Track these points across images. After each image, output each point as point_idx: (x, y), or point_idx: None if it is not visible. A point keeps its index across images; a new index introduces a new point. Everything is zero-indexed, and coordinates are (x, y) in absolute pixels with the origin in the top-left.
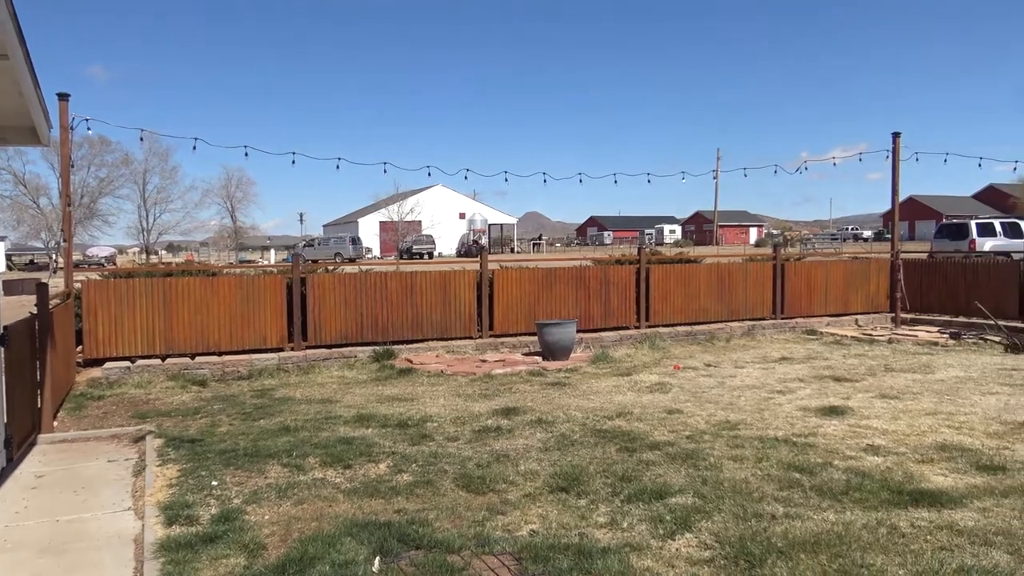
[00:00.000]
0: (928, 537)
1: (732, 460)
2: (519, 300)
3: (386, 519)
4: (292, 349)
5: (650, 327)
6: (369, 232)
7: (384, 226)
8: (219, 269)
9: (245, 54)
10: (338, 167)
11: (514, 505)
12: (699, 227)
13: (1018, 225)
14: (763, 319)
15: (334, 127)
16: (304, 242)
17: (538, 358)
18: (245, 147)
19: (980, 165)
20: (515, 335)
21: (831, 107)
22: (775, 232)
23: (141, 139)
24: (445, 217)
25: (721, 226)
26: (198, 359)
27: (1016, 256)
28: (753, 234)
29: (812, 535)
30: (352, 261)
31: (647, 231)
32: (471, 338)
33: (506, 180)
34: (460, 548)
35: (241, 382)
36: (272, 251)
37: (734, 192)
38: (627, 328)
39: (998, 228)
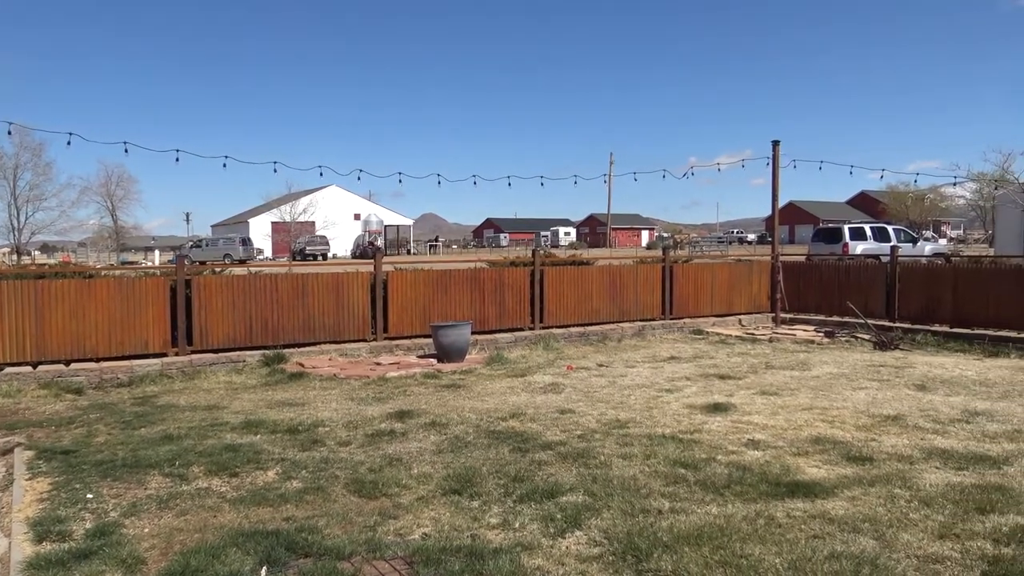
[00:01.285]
0: (802, 526)
1: (621, 458)
2: (414, 302)
3: (274, 527)
4: (176, 354)
5: (544, 328)
6: (260, 233)
7: (276, 227)
8: (97, 271)
9: (123, 44)
10: (225, 165)
11: (407, 509)
12: (593, 229)
13: (886, 230)
14: (653, 320)
15: (222, 124)
16: (191, 243)
17: (433, 360)
18: (125, 143)
19: (851, 173)
20: (410, 337)
21: (719, 114)
22: (666, 235)
23: (10, 132)
24: (340, 218)
25: (614, 229)
26: (74, 366)
27: (883, 259)
28: (645, 237)
29: (696, 528)
30: (242, 263)
31: (543, 233)
32: (365, 341)
33: (400, 181)
34: (351, 554)
35: (121, 389)
36: (157, 252)
37: (627, 196)
38: (522, 329)
39: (868, 232)
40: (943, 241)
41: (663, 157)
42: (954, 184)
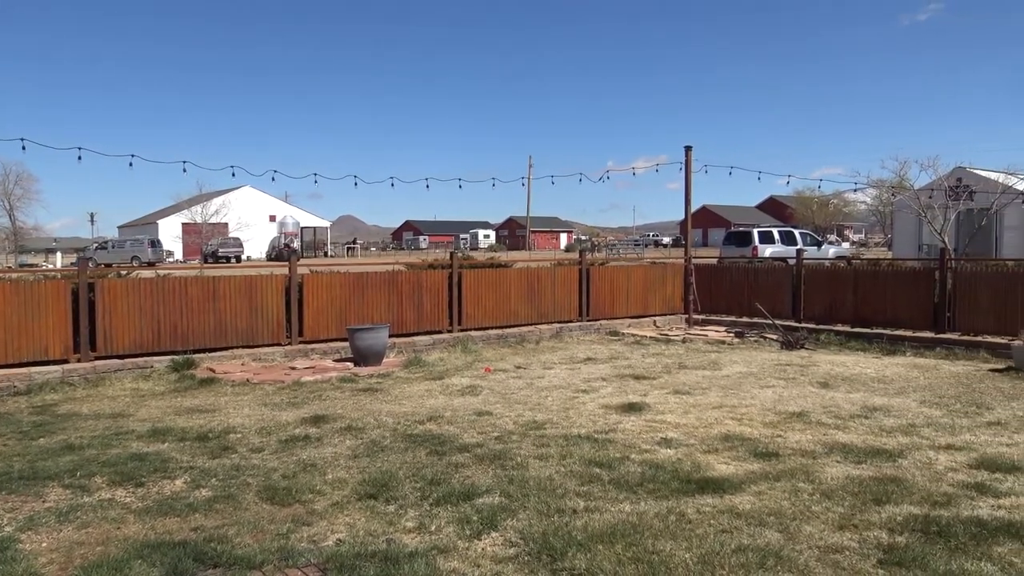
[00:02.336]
0: (712, 521)
1: (538, 459)
2: (330, 305)
3: (181, 538)
4: (79, 360)
5: (463, 331)
6: (170, 234)
7: (187, 228)
8: None
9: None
10: (131, 164)
11: (321, 515)
12: (512, 232)
13: (793, 233)
14: (570, 321)
15: (128, 123)
16: (96, 244)
17: (350, 364)
18: (22, 139)
19: (759, 179)
20: (326, 341)
21: (636, 122)
22: (584, 238)
23: None
24: (254, 219)
25: (533, 231)
26: None
27: (790, 261)
28: (563, 239)
29: (609, 526)
30: (151, 265)
31: (462, 236)
32: (280, 345)
33: (316, 182)
34: (262, 563)
35: (18, 398)
36: (59, 254)
37: (547, 199)
38: (440, 332)
39: (776, 236)
40: (846, 245)
41: (583, 162)
42: (855, 190)
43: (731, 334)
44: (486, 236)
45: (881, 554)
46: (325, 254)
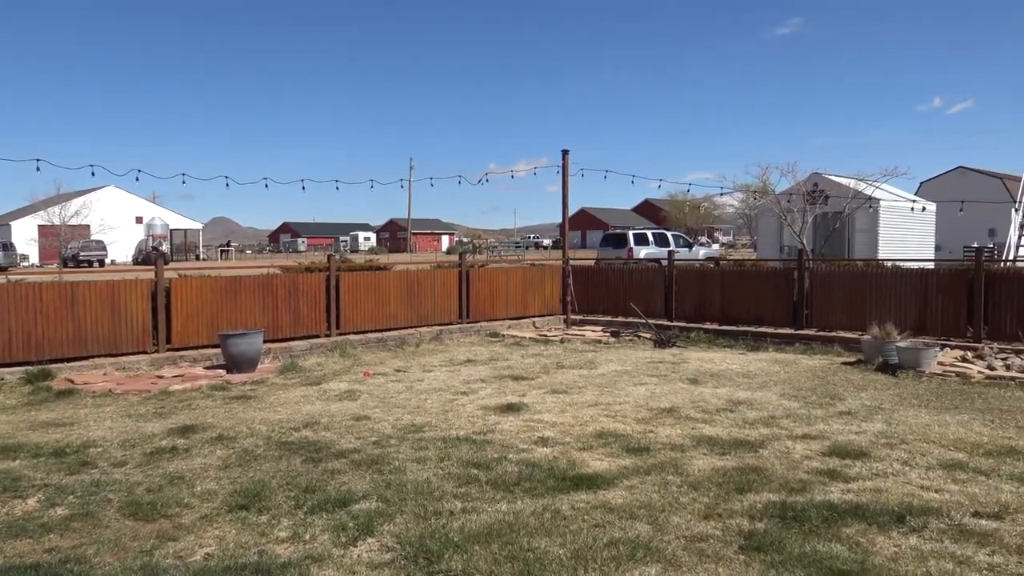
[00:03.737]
0: (585, 517)
1: (416, 462)
2: (200, 311)
3: (34, 560)
4: None
5: (341, 335)
6: (25, 237)
7: (44, 230)
8: None
9: None
10: None
11: (188, 529)
12: (394, 234)
13: (666, 235)
14: (451, 324)
15: None
16: None
17: (222, 371)
18: None
19: (633, 182)
20: (197, 348)
21: (517, 126)
22: (466, 240)
23: None
24: (119, 221)
25: (415, 234)
26: None
27: (663, 262)
28: (445, 241)
29: (486, 526)
30: (3, 270)
31: (342, 238)
32: (146, 353)
33: (184, 182)
34: None
35: None
36: None
37: (429, 201)
38: (318, 336)
39: (651, 238)
40: (716, 246)
41: (465, 164)
42: (721, 194)
43: (607, 334)
44: (367, 238)
45: (742, 540)
46: (197, 257)
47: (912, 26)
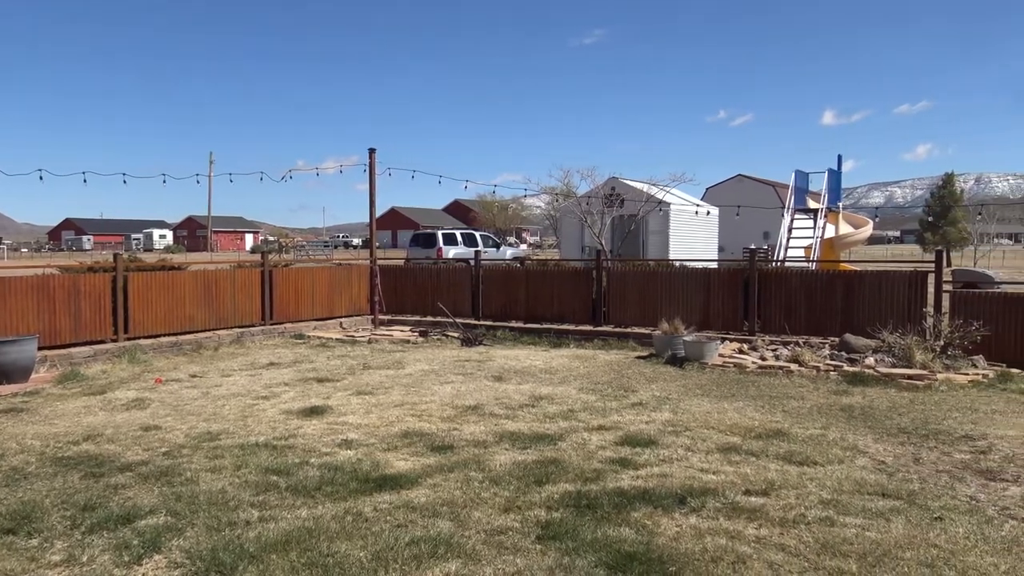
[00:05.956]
0: (388, 517)
1: (210, 471)
2: None
3: None
4: None
5: (131, 339)
6: None
7: None
8: None
9: None
10: None
11: None
12: (192, 232)
13: (474, 236)
14: (253, 326)
15: None
16: None
17: None
18: None
19: (440, 182)
20: None
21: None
22: (272, 239)
23: None
24: None
25: (216, 232)
26: None
27: (471, 262)
28: (249, 240)
29: (284, 534)
30: None
31: (135, 236)
32: None
33: None
34: None
35: None
36: None
37: (233, 198)
38: (104, 342)
39: (460, 238)
40: (524, 246)
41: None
42: (525, 195)
43: (416, 333)
44: (162, 236)
45: (540, 530)
46: None
47: (701, 45)
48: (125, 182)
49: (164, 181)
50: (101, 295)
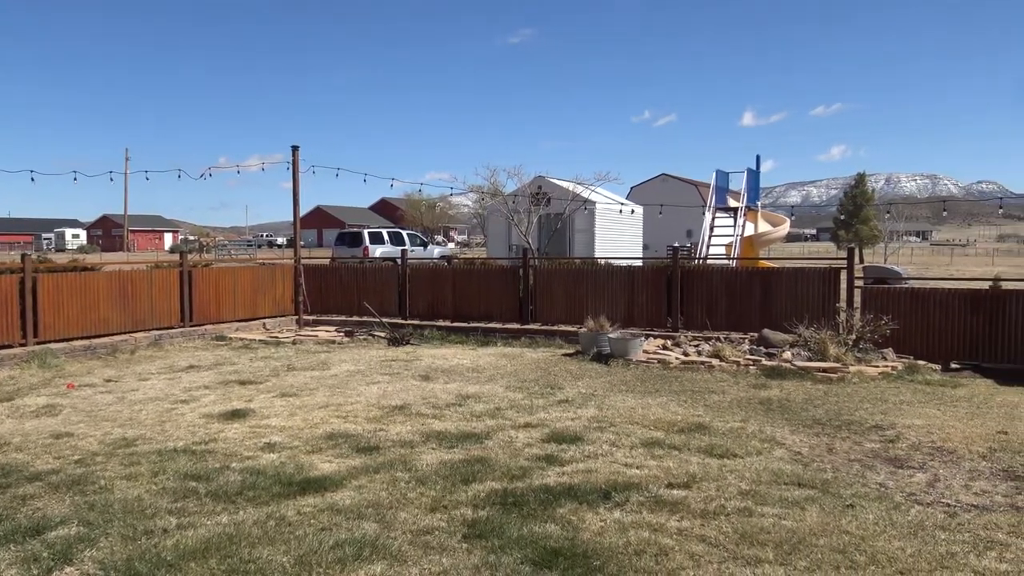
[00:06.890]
0: (312, 521)
1: (126, 479)
2: None
3: None
4: None
5: (41, 343)
6: None
7: None
8: None
9: None
10: None
11: None
12: (107, 232)
13: (401, 234)
14: (172, 328)
15: None
16: None
17: None
18: None
19: (365, 180)
20: None
21: (250, 121)
22: (192, 238)
23: None
24: None
25: (134, 231)
26: None
27: (398, 261)
28: (168, 239)
29: (203, 541)
30: None
31: (45, 236)
32: None
33: None
34: None
35: None
36: None
37: (151, 196)
38: (11, 347)
39: (386, 236)
40: (451, 245)
41: (195, 158)
42: (451, 194)
43: (341, 333)
44: (75, 236)
45: (466, 529)
46: None
47: (627, 43)
48: (33, 180)
49: (75, 179)
50: (8, 298)
